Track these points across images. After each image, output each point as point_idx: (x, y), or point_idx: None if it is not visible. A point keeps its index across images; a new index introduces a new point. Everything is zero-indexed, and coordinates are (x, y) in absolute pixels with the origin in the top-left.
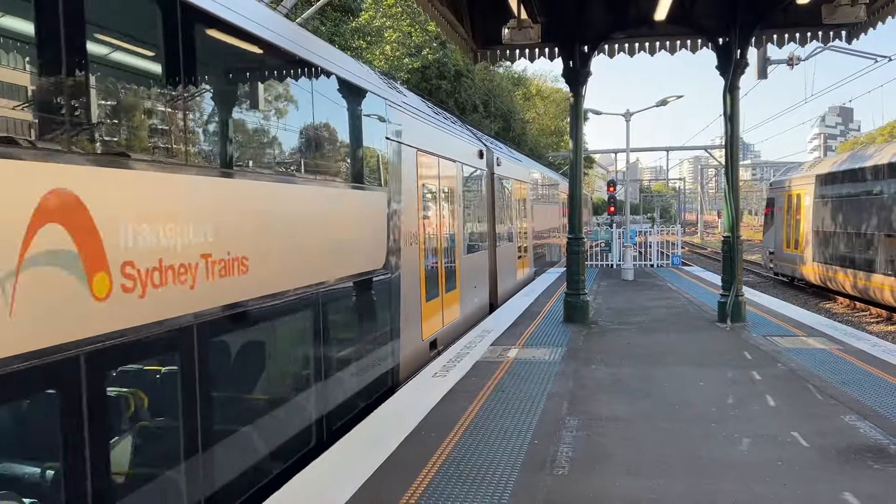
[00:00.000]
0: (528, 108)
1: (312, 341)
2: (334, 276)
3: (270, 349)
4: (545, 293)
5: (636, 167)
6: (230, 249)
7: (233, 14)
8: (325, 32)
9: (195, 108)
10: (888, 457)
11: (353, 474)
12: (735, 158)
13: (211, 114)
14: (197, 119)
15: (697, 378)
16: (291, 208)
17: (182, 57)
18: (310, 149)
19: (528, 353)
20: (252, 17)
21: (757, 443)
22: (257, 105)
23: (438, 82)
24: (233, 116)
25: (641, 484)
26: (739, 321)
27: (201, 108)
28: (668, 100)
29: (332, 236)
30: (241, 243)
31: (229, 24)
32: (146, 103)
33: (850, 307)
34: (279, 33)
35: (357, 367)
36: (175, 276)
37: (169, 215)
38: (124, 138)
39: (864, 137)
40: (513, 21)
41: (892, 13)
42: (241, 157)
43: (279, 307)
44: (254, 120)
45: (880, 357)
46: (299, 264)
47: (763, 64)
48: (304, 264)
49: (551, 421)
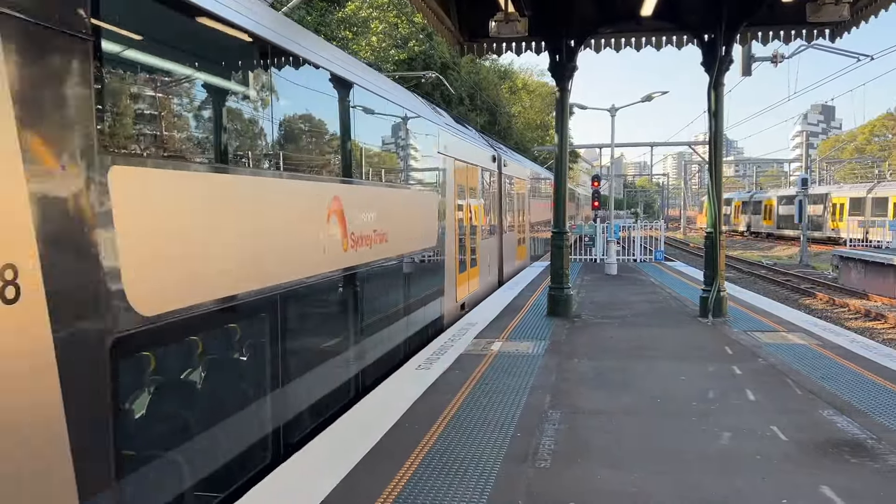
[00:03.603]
0: (514, 101)
1: (411, 286)
2: (418, 248)
3: (396, 287)
4: (529, 286)
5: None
6: (381, 228)
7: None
8: (311, 22)
9: (385, 159)
10: (865, 451)
11: (337, 466)
12: (719, 155)
13: (387, 159)
14: (383, 163)
15: (679, 372)
16: (400, 204)
17: (393, 144)
18: (406, 168)
19: (512, 347)
20: (406, 103)
21: (737, 436)
22: (393, 148)
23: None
24: (389, 157)
25: (622, 477)
26: (721, 316)
27: (386, 159)
28: (653, 96)
29: (417, 223)
30: (385, 225)
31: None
32: (377, 162)
33: (829, 303)
34: (410, 108)
35: (427, 309)
36: (366, 241)
37: (369, 209)
38: (367, 174)
39: (846, 135)
40: (500, 14)
41: (875, 12)
42: (387, 176)
43: (398, 264)
44: (394, 157)
45: (858, 353)
46: (404, 241)
47: (747, 61)
48: (405, 241)
49: (534, 414)
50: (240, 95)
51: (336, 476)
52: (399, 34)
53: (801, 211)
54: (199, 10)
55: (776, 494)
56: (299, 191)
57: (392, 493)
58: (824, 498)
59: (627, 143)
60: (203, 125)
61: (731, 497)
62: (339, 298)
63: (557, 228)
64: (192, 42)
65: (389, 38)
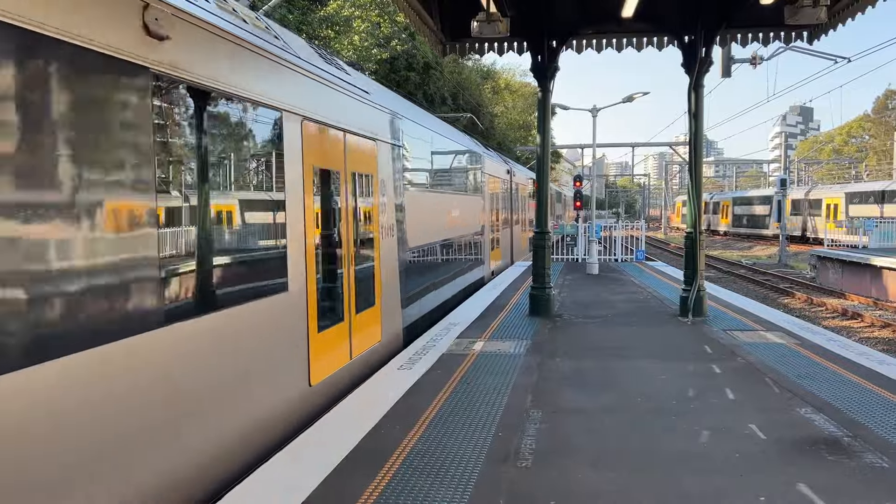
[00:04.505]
0: (497, 101)
1: (472, 255)
2: (472, 232)
3: (464, 252)
4: (511, 286)
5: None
6: (460, 218)
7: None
8: (293, 21)
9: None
10: (842, 449)
11: (317, 467)
12: (699, 155)
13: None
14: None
15: (659, 371)
16: (466, 205)
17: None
18: (469, 183)
19: (494, 346)
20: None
21: (716, 435)
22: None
23: (407, 74)
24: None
25: (603, 476)
26: (700, 315)
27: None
28: (634, 96)
29: (473, 216)
30: (461, 217)
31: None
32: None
33: (807, 302)
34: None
35: (476, 270)
36: (456, 223)
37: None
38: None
39: (824, 136)
40: (482, 14)
41: (852, 15)
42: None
43: (466, 238)
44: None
45: (835, 351)
46: (466, 225)
47: (727, 63)
48: (466, 226)
49: (515, 413)
50: (432, 159)
51: (317, 477)
52: (381, 33)
53: (780, 211)
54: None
55: (754, 492)
56: (444, 200)
57: (374, 494)
58: (801, 495)
59: (609, 143)
60: (434, 175)
61: (709, 495)
62: (456, 247)
63: (539, 228)
64: (448, 151)
65: (372, 37)
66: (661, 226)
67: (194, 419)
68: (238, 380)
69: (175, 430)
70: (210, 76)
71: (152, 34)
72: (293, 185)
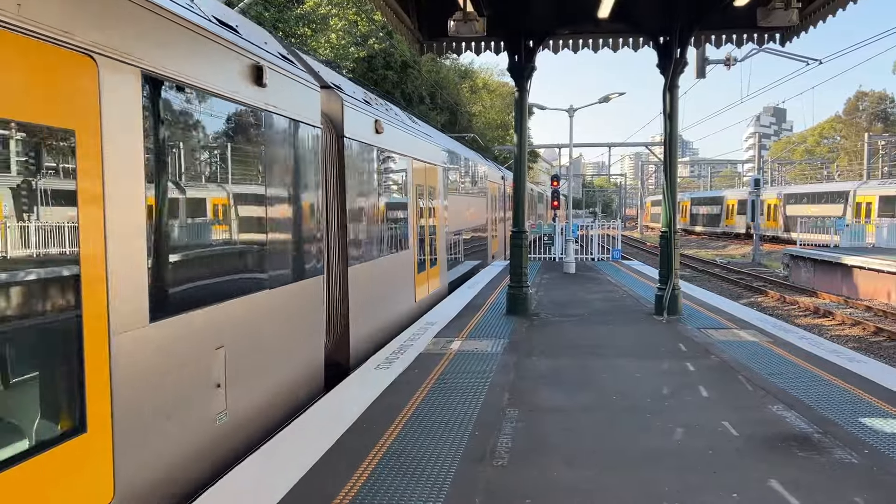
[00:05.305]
0: (475, 101)
1: (480, 242)
2: (479, 225)
3: (475, 240)
4: (489, 285)
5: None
6: (472, 212)
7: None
8: (269, 19)
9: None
10: (812, 445)
11: (292, 467)
12: (674, 155)
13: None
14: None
15: (634, 369)
16: (475, 203)
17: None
18: (477, 188)
19: (471, 346)
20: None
21: (690, 432)
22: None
23: (385, 73)
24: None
25: (579, 474)
26: (675, 314)
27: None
28: (611, 97)
29: (479, 213)
30: (470, 212)
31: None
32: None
33: (780, 300)
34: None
35: (482, 253)
36: (466, 217)
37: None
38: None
39: (796, 137)
40: (458, 13)
41: (822, 18)
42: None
43: (476, 229)
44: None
45: (806, 349)
46: (477, 220)
47: (702, 64)
48: (476, 221)
49: (492, 412)
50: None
51: (293, 477)
52: (359, 32)
53: (753, 210)
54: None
55: (727, 488)
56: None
57: (349, 494)
58: (772, 491)
59: (586, 143)
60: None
61: (683, 491)
62: (472, 235)
63: (517, 228)
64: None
65: (349, 35)
66: (638, 225)
67: (384, 306)
68: (396, 291)
69: (376, 313)
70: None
71: (503, 178)
72: (410, 194)
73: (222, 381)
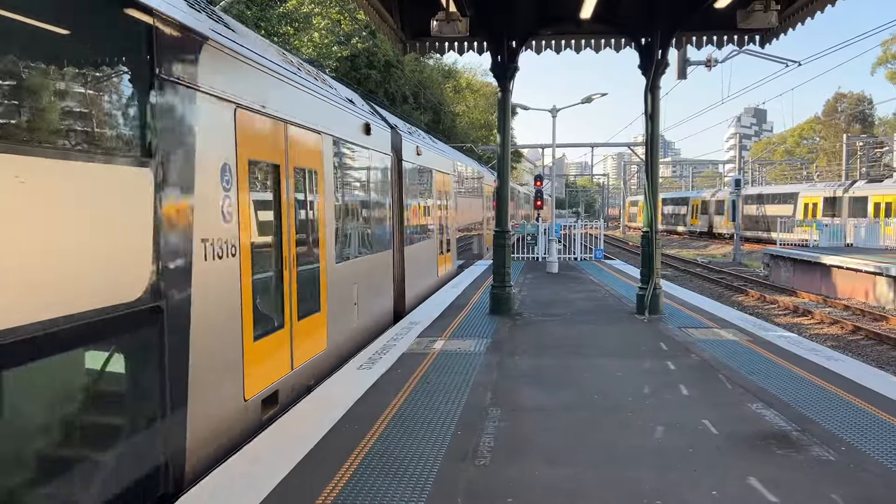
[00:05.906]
0: (459, 100)
1: (477, 237)
2: (476, 222)
3: (475, 234)
4: (472, 285)
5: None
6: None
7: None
8: (251, 17)
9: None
10: (790, 443)
11: (274, 468)
12: (655, 156)
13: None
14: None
15: (616, 368)
16: (474, 204)
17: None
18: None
19: (454, 345)
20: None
21: (670, 431)
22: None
23: (368, 72)
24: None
25: (560, 473)
26: (657, 313)
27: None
28: (593, 97)
29: (477, 211)
30: (468, 212)
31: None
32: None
33: (760, 300)
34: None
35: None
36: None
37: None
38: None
39: (776, 138)
40: (441, 13)
41: (801, 20)
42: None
43: (475, 224)
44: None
45: (786, 348)
46: (475, 218)
47: (683, 65)
48: (475, 218)
49: (475, 411)
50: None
51: (275, 478)
52: (342, 31)
53: (734, 210)
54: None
55: (707, 486)
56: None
57: (331, 494)
58: (751, 488)
59: (569, 143)
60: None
61: (664, 489)
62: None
63: (500, 227)
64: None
65: (332, 34)
66: (620, 225)
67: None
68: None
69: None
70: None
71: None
72: (433, 197)
73: (357, 301)
